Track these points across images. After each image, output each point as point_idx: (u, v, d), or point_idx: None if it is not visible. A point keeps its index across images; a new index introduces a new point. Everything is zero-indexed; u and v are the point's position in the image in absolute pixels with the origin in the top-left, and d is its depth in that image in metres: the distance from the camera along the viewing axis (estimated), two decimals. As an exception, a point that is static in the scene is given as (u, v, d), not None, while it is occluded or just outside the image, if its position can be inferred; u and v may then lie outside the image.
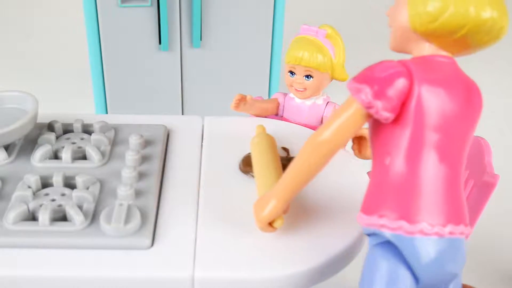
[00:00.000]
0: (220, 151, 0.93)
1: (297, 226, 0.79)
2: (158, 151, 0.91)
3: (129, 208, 0.76)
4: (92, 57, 1.63)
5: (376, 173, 0.68)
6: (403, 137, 0.65)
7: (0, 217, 0.77)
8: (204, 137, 0.98)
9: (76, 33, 2.28)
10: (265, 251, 0.75)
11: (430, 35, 0.68)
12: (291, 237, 0.77)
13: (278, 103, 1.06)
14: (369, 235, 0.68)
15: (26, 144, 0.92)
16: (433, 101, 0.65)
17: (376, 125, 0.68)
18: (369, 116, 0.67)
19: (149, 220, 0.77)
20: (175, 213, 0.80)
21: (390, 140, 0.66)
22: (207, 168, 0.90)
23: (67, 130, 0.95)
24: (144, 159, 0.89)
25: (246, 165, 0.89)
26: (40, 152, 0.87)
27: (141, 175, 0.85)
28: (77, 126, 0.94)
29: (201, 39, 1.62)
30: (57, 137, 0.93)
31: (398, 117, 0.66)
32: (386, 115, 0.65)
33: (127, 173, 0.83)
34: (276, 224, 0.74)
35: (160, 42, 1.60)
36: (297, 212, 0.81)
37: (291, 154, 0.93)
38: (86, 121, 0.96)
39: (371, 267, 0.66)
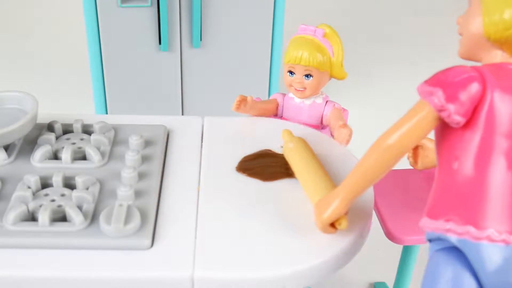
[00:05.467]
0: (220, 151, 0.93)
1: (296, 226, 0.79)
2: (158, 151, 0.91)
3: (129, 209, 0.76)
4: (92, 57, 1.63)
5: (442, 178, 0.68)
6: (472, 142, 0.66)
7: (0, 218, 0.77)
8: (204, 137, 0.97)
9: (76, 33, 2.28)
10: (265, 251, 0.75)
11: (504, 43, 0.68)
12: (290, 237, 0.77)
13: (278, 104, 1.06)
14: (431, 240, 0.68)
15: (26, 144, 0.92)
16: (505, 107, 0.65)
17: (444, 129, 0.68)
18: (439, 120, 0.67)
19: (149, 220, 0.77)
20: (175, 213, 0.80)
21: (459, 144, 0.67)
22: (207, 168, 0.90)
23: (67, 130, 0.95)
24: (144, 159, 0.89)
25: (241, 169, 0.89)
26: (40, 153, 0.87)
27: (141, 176, 0.85)
28: (77, 127, 0.94)
29: (201, 39, 1.62)
30: (57, 138, 0.93)
31: (469, 121, 0.66)
32: (458, 119, 0.65)
33: (127, 174, 0.83)
34: (341, 226, 0.74)
35: (160, 42, 1.60)
36: (297, 212, 0.81)
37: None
38: (86, 121, 0.96)
39: (435, 273, 0.66)
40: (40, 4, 2.63)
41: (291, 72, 1.02)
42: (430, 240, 0.69)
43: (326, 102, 1.04)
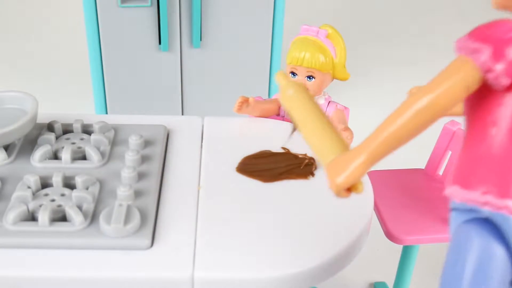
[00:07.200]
0: (220, 151, 0.93)
1: (297, 226, 0.79)
2: (158, 151, 0.91)
3: (128, 209, 0.76)
4: (92, 57, 1.63)
5: (475, 145, 0.62)
6: None
7: (0, 218, 0.77)
8: (204, 137, 0.97)
9: (76, 33, 2.28)
10: (265, 251, 0.75)
11: None
12: (291, 238, 0.77)
13: (280, 104, 1.06)
14: (457, 209, 0.64)
15: (26, 144, 0.92)
16: None
17: (480, 92, 0.61)
18: (481, 81, 0.59)
19: (149, 220, 0.77)
20: (175, 213, 0.80)
21: (498, 109, 0.60)
22: (207, 168, 0.90)
23: (67, 130, 0.95)
24: (144, 159, 0.89)
25: (241, 170, 0.89)
26: (40, 152, 0.87)
27: (141, 176, 0.85)
28: (77, 126, 0.94)
29: (201, 39, 1.62)
30: (56, 138, 0.93)
31: None
32: (505, 81, 0.58)
33: (127, 174, 0.83)
34: (357, 191, 0.63)
35: (160, 42, 1.60)
36: (297, 213, 0.81)
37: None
38: (86, 121, 0.96)
39: (463, 244, 0.62)
40: (40, 4, 2.63)
41: (293, 73, 1.01)
42: (455, 209, 0.64)
43: (329, 102, 1.04)
